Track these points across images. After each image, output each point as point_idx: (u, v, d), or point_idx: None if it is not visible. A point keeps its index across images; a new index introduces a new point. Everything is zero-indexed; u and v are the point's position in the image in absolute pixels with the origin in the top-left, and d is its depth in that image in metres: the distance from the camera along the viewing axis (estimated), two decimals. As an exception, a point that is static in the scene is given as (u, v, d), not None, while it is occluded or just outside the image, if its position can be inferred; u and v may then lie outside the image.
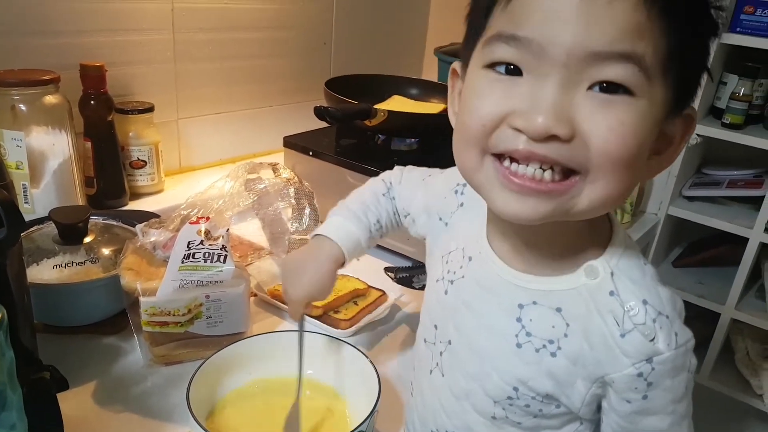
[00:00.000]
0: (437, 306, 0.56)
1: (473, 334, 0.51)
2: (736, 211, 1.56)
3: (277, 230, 1.02)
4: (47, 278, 0.79)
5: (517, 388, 0.48)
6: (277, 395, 0.69)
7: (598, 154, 0.39)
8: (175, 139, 1.29)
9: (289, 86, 1.48)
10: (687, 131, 0.45)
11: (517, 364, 0.48)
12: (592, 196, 0.41)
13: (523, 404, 0.49)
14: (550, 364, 0.47)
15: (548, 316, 0.47)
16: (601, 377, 0.46)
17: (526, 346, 0.47)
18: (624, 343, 0.44)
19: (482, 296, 0.51)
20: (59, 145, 1.01)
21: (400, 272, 0.92)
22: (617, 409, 0.47)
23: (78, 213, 0.86)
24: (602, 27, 0.37)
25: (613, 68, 0.38)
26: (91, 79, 1.05)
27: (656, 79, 0.39)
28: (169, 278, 0.74)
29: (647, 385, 0.45)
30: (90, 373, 0.74)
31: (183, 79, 1.25)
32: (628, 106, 0.39)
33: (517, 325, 0.48)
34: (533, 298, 0.48)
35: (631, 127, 0.39)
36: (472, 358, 0.51)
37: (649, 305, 0.45)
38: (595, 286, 0.46)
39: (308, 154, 1.15)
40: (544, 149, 0.39)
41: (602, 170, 0.40)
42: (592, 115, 0.39)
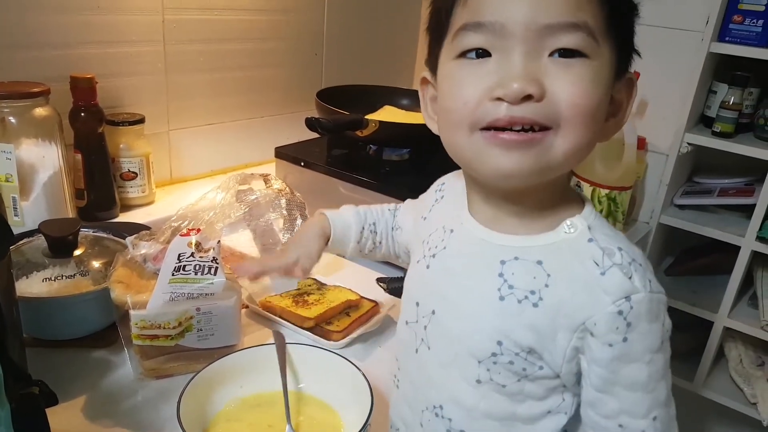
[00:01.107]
0: (418, 283, 0.59)
1: (457, 297, 0.53)
2: (728, 219, 1.56)
3: (268, 241, 1.01)
4: (37, 291, 0.79)
5: (501, 342, 0.50)
6: (270, 408, 0.69)
7: (567, 107, 0.46)
8: (166, 151, 1.28)
9: (280, 97, 1.48)
10: (631, 94, 0.52)
11: (500, 317, 0.50)
12: (565, 147, 0.47)
13: (506, 360, 0.50)
14: (532, 315, 0.49)
15: (529, 269, 0.50)
16: (582, 323, 0.48)
17: (509, 299, 0.50)
18: (604, 280, 0.47)
19: (464, 260, 0.54)
20: (49, 157, 1.00)
21: (393, 283, 0.92)
22: (599, 357, 0.48)
23: (68, 226, 0.85)
24: (549, 3, 0.45)
25: (566, 37, 0.45)
26: (81, 91, 1.05)
27: (602, 43, 0.47)
28: (159, 291, 0.74)
29: (627, 325, 0.47)
30: (80, 387, 0.73)
31: (174, 90, 1.25)
32: (584, 65, 0.46)
33: (499, 280, 0.50)
34: (515, 254, 0.51)
35: (590, 82, 0.46)
36: (456, 320, 0.53)
37: (623, 251, 0.49)
38: (573, 238, 0.50)
39: (300, 165, 1.15)
40: (521, 111, 0.45)
41: (571, 122, 0.46)
42: (557, 75, 0.45)
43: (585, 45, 0.46)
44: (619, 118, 0.52)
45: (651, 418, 0.49)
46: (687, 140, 1.50)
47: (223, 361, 0.71)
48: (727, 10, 1.41)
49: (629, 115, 0.53)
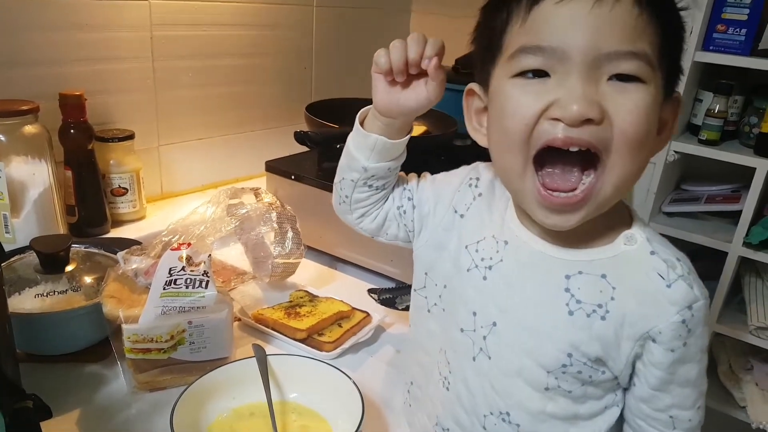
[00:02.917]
0: (474, 293, 0.58)
1: (521, 311, 0.54)
2: (715, 225, 1.58)
3: (260, 254, 1.02)
4: (29, 308, 0.79)
5: (571, 354, 0.52)
6: (264, 419, 0.69)
7: (620, 133, 0.47)
8: (157, 166, 1.29)
9: (270, 111, 1.49)
10: (676, 113, 0.53)
11: (570, 331, 0.52)
12: (614, 180, 0.48)
13: (575, 371, 0.52)
14: (599, 328, 0.51)
15: (595, 283, 0.51)
16: (646, 332, 0.50)
17: (578, 313, 0.51)
18: (671, 292, 0.50)
19: (526, 274, 0.55)
20: (39, 174, 1.01)
21: (384, 293, 0.93)
22: (660, 362, 0.51)
23: (59, 242, 0.86)
24: (609, 32, 0.46)
25: (624, 63, 0.46)
26: (70, 108, 1.05)
27: (657, 68, 0.48)
28: (151, 305, 0.74)
29: (688, 331, 0.50)
30: (73, 401, 0.73)
31: (163, 106, 1.26)
32: (640, 90, 0.47)
33: (566, 295, 0.52)
34: (578, 268, 0.52)
35: (645, 109, 0.47)
36: (522, 334, 0.54)
37: (682, 261, 0.52)
38: (635, 250, 0.52)
39: (290, 178, 1.16)
40: (579, 132, 0.47)
41: (620, 150, 0.47)
42: (615, 99, 0.47)
43: (642, 72, 0.47)
44: (664, 136, 0.53)
45: (696, 408, 0.54)
46: (674, 148, 1.52)
47: (215, 373, 0.71)
48: (710, 19, 1.43)
49: (672, 134, 0.54)
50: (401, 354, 0.88)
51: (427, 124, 1.35)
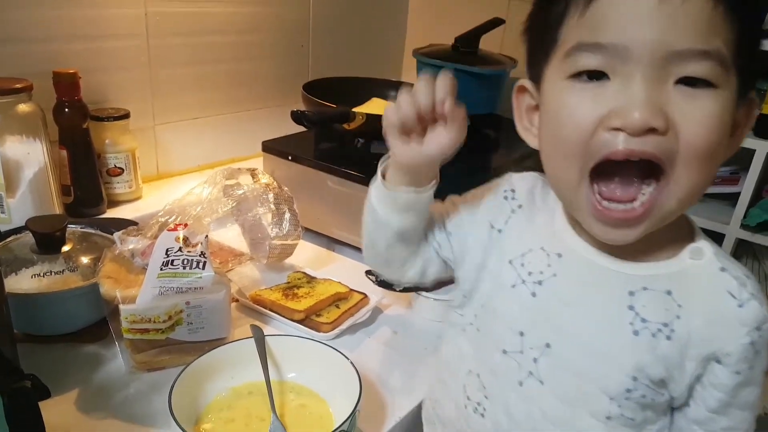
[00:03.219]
0: (521, 311, 0.53)
1: (581, 331, 0.50)
2: (713, 207, 1.58)
3: (257, 236, 1.02)
4: (26, 288, 0.79)
5: (636, 377, 0.48)
6: (261, 399, 0.69)
7: (686, 145, 0.42)
8: (152, 146, 1.28)
9: (267, 90, 1.48)
10: (751, 114, 0.48)
11: (636, 353, 0.48)
12: (679, 194, 0.44)
13: (639, 395, 0.49)
14: (665, 348, 0.48)
15: (660, 300, 0.48)
16: (713, 353, 0.47)
17: (643, 333, 0.48)
18: (743, 312, 0.47)
19: (585, 290, 0.51)
20: (34, 153, 1.00)
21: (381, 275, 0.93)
22: (724, 384, 0.48)
23: (55, 222, 0.85)
24: (680, 27, 0.41)
25: (695, 65, 0.41)
26: (64, 86, 1.04)
27: (731, 70, 0.43)
28: (148, 285, 0.74)
29: (755, 353, 0.47)
30: (72, 381, 0.73)
31: (159, 84, 1.24)
32: (711, 97, 0.42)
33: (630, 313, 0.48)
34: (642, 284, 0.48)
35: (717, 118, 0.42)
36: (582, 356, 0.50)
37: (751, 278, 0.48)
38: (702, 265, 0.48)
39: (287, 159, 1.15)
40: (641, 144, 0.42)
41: (685, 163, 0.43)
42: (683, 108, 0.42)
43: (715, 75, 0.42)
44: (735, 140, 0.48)
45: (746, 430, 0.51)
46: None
47: (213, 353, 0.71)
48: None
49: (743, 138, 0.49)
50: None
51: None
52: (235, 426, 0.66)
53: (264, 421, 0.67)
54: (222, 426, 0.66)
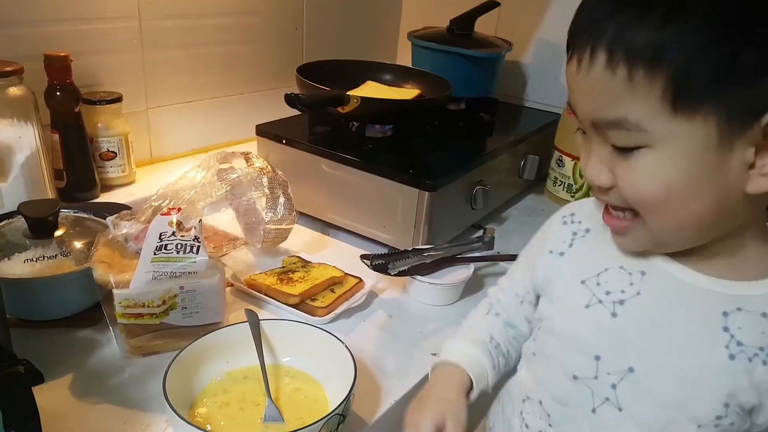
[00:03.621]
0: (598, 334, 0.51)
1: (668, 355, 0.48)
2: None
3: (251, 220, 1.01)
4: (19, 273, 0.78)
5: (728, 404, 0.46)
6: (256, 383, 0.70)
7: (632, 199, 0.45)
8: (146, 130, 1.27)
9: (260, 73, 1.47)
10: None
11: (730, 378, 0.46)
12: (655, 230, 0.46)
13: (729, 422, 0.46)
14: (761, 374, 0.45)
15: (757, 322, 0.46)
16: None
17: (740, 357, 0.45)
18: None
19: (674, 310, 0.48)
20: (26, 137, 0.99)
21: (376, 259, 0.92)
22: None
23: (47, 206, 0.85)
24: (590, 99, 0.44)
25: (611, 133, 0.43)
26: (55, 69, 1.03)
27: (665, 123, 0.41)
28: (141, 270, 0.74)
29: None
30: (66, 366, 0.73)
31: (151, 67, 1.23)
32: (644, 156, 0.43)
33: (725, 336, 0.46)
34: (737, 304, 0.46)
35: (647, 176, 0.43)
36: (669, 381, 0.48)
37: None
38: None
39: (281, 143, 1.14)
40: (605, 197, 0.47)
41: (646, 210, 0.45)
42: (618, 168, 0.44)
43: (635, 139, 0.42)
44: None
45: None
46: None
47: (208, 337, 0.71)
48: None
49: None
50: None
51: (421, 87, 1.33)
52: (230, 410, 0.66)
53: (259, 405, 0.67)
54: (217, 410, 0.66)
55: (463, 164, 1.11)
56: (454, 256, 0.98)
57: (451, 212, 1.07)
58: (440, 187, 0.99)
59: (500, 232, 1.07)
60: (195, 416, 0.65)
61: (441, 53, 1.36)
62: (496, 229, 1.05)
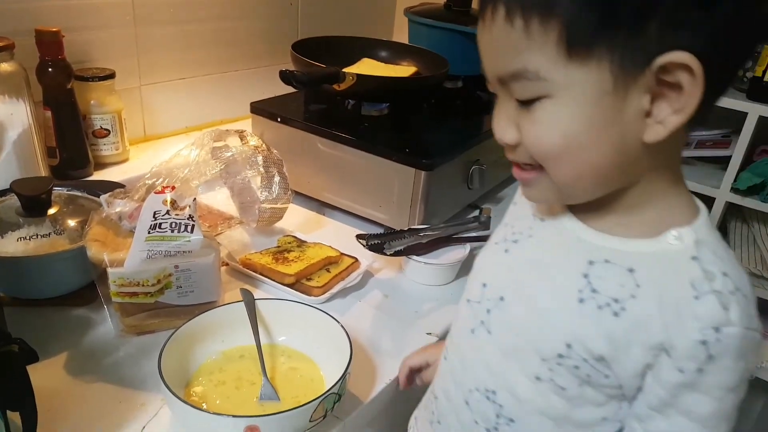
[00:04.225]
0: (491, 265, 0.57)
1: (534, 291, 0.51)
2: (704, 171, 1.58)
3: (246, 199, 1.01)
4: (12, 251, 0.78)
5: (571, 345, 0.48)
6: (252, 362, 0.70)
7: (535, 152, 0.46)
8: (139, 107, 1.25)
9: (255, 49, 1.45)
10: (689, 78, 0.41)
11: (576, 320, 0.48)
12: (559, 183, 0.47)
13: (572, 365, 0.48)
14: (610, 324, 0.46)
15: (618, 275, 0.47)
16: (661, 343, 0.45)
17: (589, 302, 0.47)
18: (697, 305, 0.44)
19: (552, 253, 0.52)
20: (17, 114, 0.97)
21: (372, 239, 0.92)
22: (666, 380, 0.45)
23: (40, 184, 0.84)
24: (493, 54, 0.45)
25: (515, 85, 0.44)
26: (47, 45, 1.01)
27: (563, 71, 0.42)
28: (136, 249, 0.74)
29: (708, 357, 0.44)
30: (60, 344, 0.73)
31: (144, 43, 1.21)
32: (544, 107, 0.44)
33: (583, 281, 0.48)
34: (606, 256, 0.48)
35: (546, 127, 0.44)
36: (527, 313, 0.51)
37: (729, 278, 0.44)
38: (677, 251, 0.46)
39: (276, 121, 1.13)
40: (511, 154, 0.48)
41: (546, 165, 0.46)
42: (522, 122, 0.46)
43: (535, 89, 0.43)
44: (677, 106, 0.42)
45: None
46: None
47: (203, 316, 0.71)
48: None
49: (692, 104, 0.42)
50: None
51: (418, 65, 1.31)
52: (226, 389, 0.67)
53: (255, 384, 0.67)
54: (213, 389, 0.66)
55: (460, 143, 1.10)
56: (450, 236, 0.97)
57: (447, 192, 1.06)
58: (436, 167, 0.99)
59: (496, 212, 1.07)
60: (191, 395, 0.65)
61: (438, 30, 1.34)
62: (492, 209, 1.05)
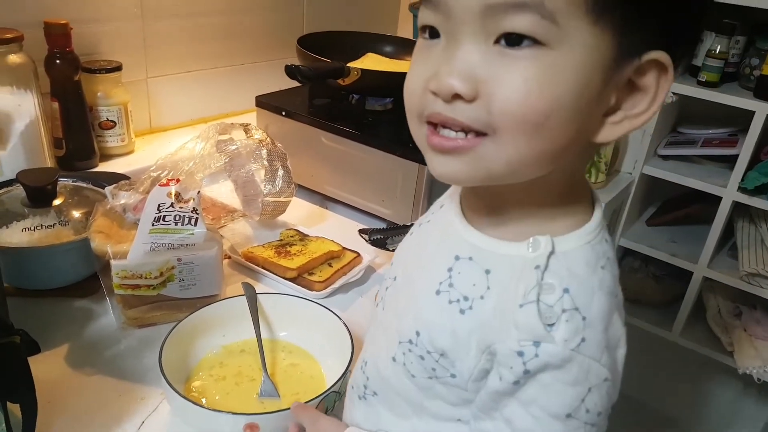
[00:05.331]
0: (400, 248, 0.58)
1: (413, 274, 0.52)
2: (711, 169, 1.57)
3: (250, 192, 1.01)
4: (17, 241, 0.78)
5: (419, 332, 0.47)
6: (252, 358, 0.70)
7: (500, 114, 0.38)
8: (145, 99, 1.26)
9: (261, 43, 1.45)
10: (660, 81, 0.40)
11: (428, 310, 0.47)
12: (505, 157, 0.40)
13: (418, 354, 0.48)
14: (455, 320, 0.45)
15: (475, 274, 0.45)
16: (489, 346, 0.44)
17: (443, 295, 0.47)
18: (519, 313, 0.42)
19: (435, 241, 0.51)
20: (25, 105, 0.98)
21: (374, 234, 0.92)
22: (489, 384, 0.44)
23: (46, 175, 0.84)
24: None
25: (512, 19, 0.37)
26: (55, 37, 1.02)
27: (576, 23, 0.37)
28: (139, 241, 0.74)
29: (524, 372, 0.42)
30: (62, 336, 0.74)
31: (151, 36, 1.22)
32: (535, 58, 0.37)
33: (445, 274, 0.47)
34: (471, 253, 0.46)
35: (536, 83, 0.37)
36: (404, 295, 0.52)
37: (568, 295, 0.41)
38: (528, 258, 0.43)
39: (281, 114, 1.13)
40: (452, 111, 0.39)
41: (507, 131, 0.39)
42: (496, 72, 0.38)
43: (537, 30, 0.37)
44: (639, 109, 0.40)
45: None
46: (672, 89, 1.49)
47: (205, 310, 0.72)
48: (717, -44, 1.37)
49: (655, 109, 0.40)
50: None
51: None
52: (226, 384, 0.67)
53: (254, 380, 0.67)
54: (213, 384, 0.67)
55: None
56: (453, 232, 0.97)
57: (451, 188, 1.06)
58: (441, 163, 0.99)
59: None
60: (191, 390, 0.65)
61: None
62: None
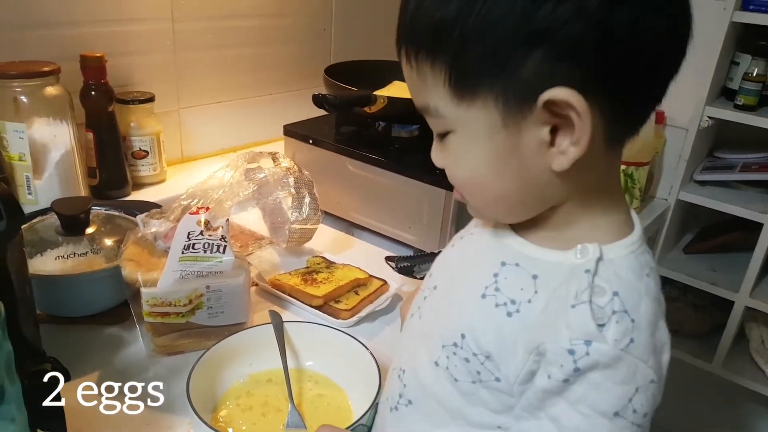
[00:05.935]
0: (439, 259, 0.60)
1: (457, 281, 0.54)
2: (750, 195, 1.52)
3: (277, 220, 1.01)
4: (50, 269, 0.80)
5: (465, 335, 0.49)
6: (279, 387, 0.69)
7: (451, 181, 0.50)
8: (177, 129, 1.28)
9: (289, 74, 1.47)
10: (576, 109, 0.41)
11: (473, 313, 0.50)
12: (475, 205, 0.50)
13: (463, 356, 0.49)
14: (502, 323, 0.47)
15: (522, 279, 0.48)
16: (538, 346, 0.45)
17: (489, 299, 0.49)
18: (571, 313, 0.44)
19: (478, 251, 0.54)
20: (61, 136, 1.01)
21: (401, 261, 0.91)
22: (536, 383, 0.46)
23: (80, 204, 0.86)
24: (409, 89, 0.48)
25: (428, 120, 0.48)
26: (91, 69, 1.05)
27: (453, 110, 0.45)
28: (169, 269, 0.75)
29: (574, 370, 0.43)
30: (93, 363, 0.74)
31: (183, 68, 1.25)
32: (453, 140, 0.47)
33: (491, 279, 0.50)
34: (518, 260, 0.49)
35: (457, 157, 0.48)
36: (446, 302, 0.54)
37: (618, 298, 0.44)
38: (577, 263, 0.46)
39: (308, 143, 1.14)
40: (447, 178, 0.50)
41: (461, 190, 0.50)
42: (442, 152, 0.49)
43: (441, 124, 0.47)
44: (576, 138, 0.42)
45: None
46: (708, 114, 1.47)
47: (233, 338, 0.71)
48: (751, -22, 1.36)
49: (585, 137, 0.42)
50: None
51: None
52: (253, 414, 0.66)
53: (281, 411, 0.66)
54: (240, 413, 0.66)
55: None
56: (481, 259, 0.96)
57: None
58: (468, 190, 0.98)
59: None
60: (218, 420, 0.65)
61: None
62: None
